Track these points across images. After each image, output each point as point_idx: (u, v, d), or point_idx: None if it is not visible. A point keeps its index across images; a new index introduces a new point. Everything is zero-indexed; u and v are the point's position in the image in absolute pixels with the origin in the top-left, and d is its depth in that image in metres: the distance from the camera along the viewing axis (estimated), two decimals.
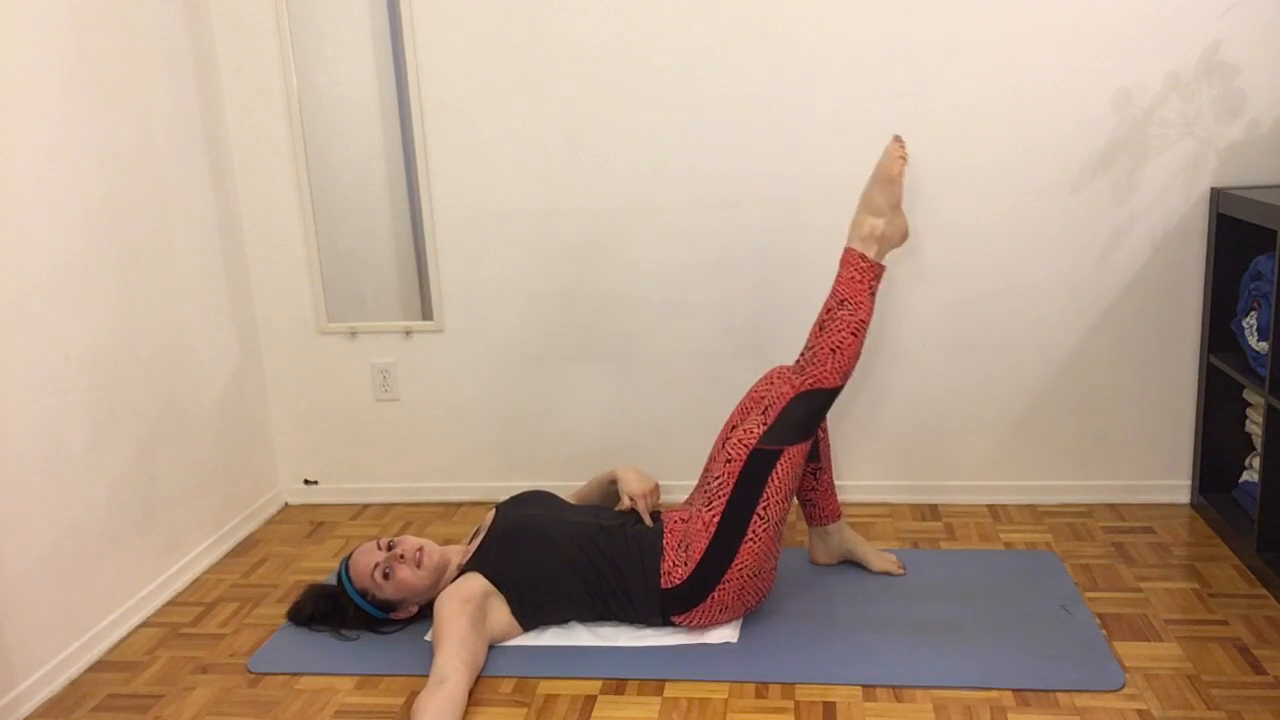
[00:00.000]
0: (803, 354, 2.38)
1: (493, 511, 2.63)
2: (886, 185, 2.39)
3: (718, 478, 2.37)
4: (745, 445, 2.34)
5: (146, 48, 2.75)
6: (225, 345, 3.09)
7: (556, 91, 2.97)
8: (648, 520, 2.50)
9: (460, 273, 3.14)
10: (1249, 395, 2.85)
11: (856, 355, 2.36)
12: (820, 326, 2.37)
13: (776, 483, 2.34)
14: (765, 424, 2.35)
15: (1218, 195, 2.78)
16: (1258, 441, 2.76)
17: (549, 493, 2.71)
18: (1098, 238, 2.89)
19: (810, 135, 2.91)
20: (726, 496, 2.34)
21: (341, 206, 3.14)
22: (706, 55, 2.89)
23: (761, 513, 2.33)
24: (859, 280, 2.37)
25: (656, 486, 2.59)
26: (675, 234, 3.03)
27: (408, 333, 3.21)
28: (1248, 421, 2.87)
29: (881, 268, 2.39)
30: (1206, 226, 2.85)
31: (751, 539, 2.33)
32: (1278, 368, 2.45)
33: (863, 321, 2.36)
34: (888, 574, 2.66)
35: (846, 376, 2.37)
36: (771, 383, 2.47)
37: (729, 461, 2.35)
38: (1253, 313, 2.67)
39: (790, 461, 2.35)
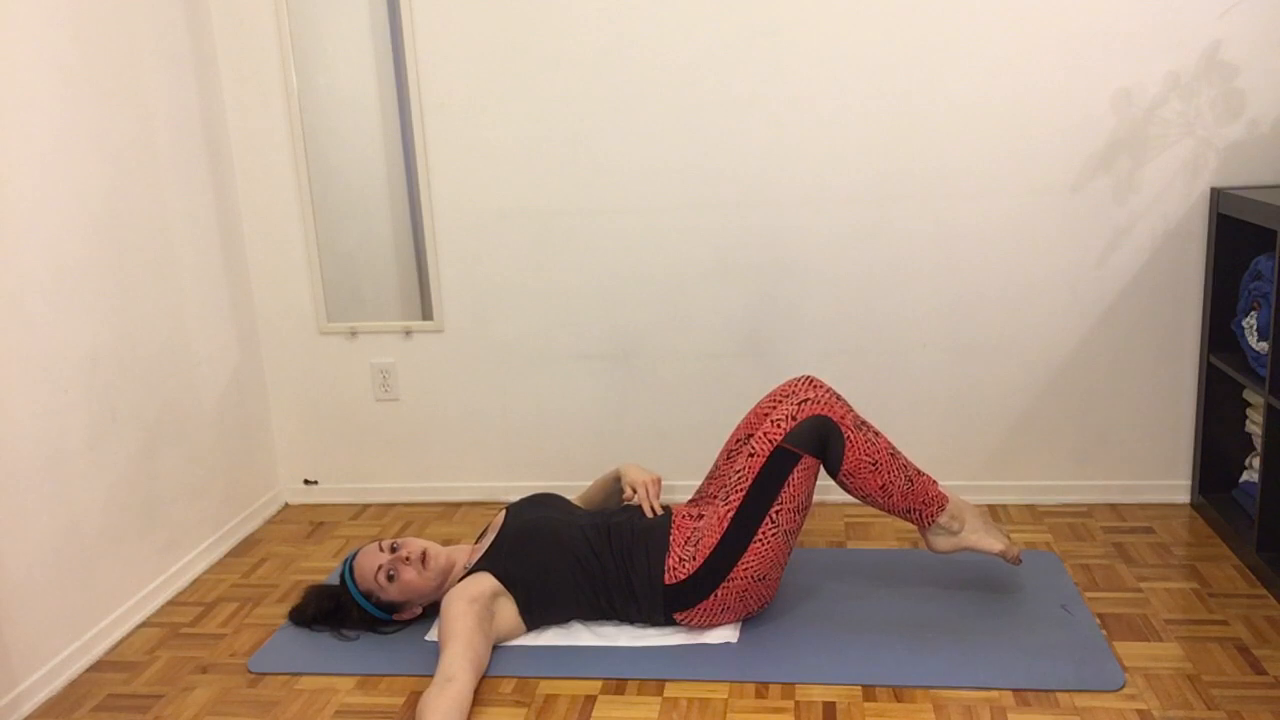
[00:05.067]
0: (863, 424, 2.41)
1: (503, 512, 2.63)
2: (988, 541, 2.45)
3: (738, 471, 2.38)
4: (770, 440, 2.35)
5: (146, 48, 2.75)
6: (225, 345, 3.09)
7: (556, 91, 2.97)
8: (649, 511, 2.51)
9: (460, 273, 3.14)
10: (1249, 395, 2.85)
11: (859, 489, 2.39)
12: (889, 450, 2.40)
13: (791, 489, 2.34)
14: (794, 419, 2.35)
15: (1218, 195, 2.78)
16: (1258, 441, 2.76)
17: (559, 495, 2.71)
18: (1098, 238, 2.89)
19: (810, 135, 2.91)
20: (744, 491, 2.35)
21: (341, 206, 3.14)
22: (706, 55, 2.90)
23: (774, 516, 2.34)
24: (920, 502, 2.41)
25: (659, 479, 2.60)
26: (675, 234, 3.03)
27: (408, 333, 3.21)
28: (1248, 421, 2.87)
29: (921, 526, 2.43)
30: (1206, 226, 2.85)
31: (760, 540, 2.34)
32: (1278, 368, 2.45)
33: (888, 497, 2.39)
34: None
35: (846, 477, 2.38)
36: (815, 388, 2.45)
37: (751, 456, 2.36)
38: (1253, 313, 2.67)
39: (805, 472, 2.35)
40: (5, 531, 2.27)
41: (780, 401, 2.43)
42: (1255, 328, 2.64)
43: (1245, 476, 2.87)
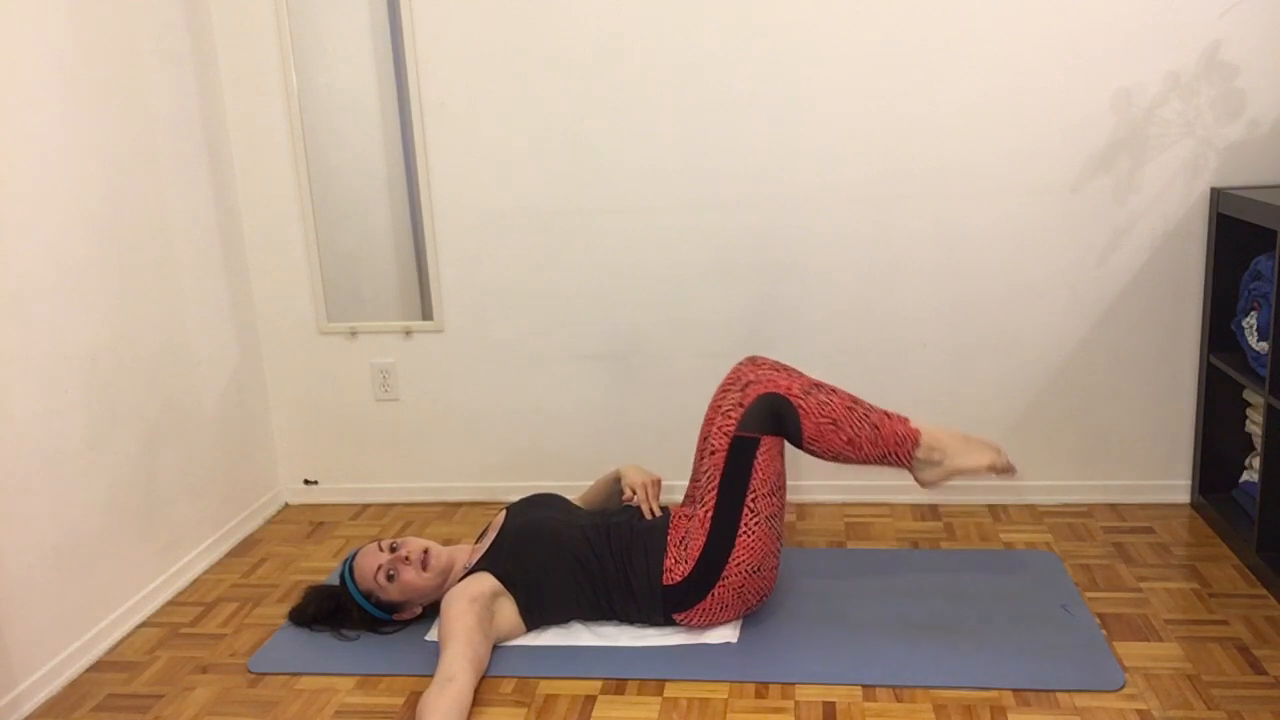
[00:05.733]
0: (814, 387, 2.38)
1: (503, 513, 2.63)
2: (975, 459, 2.42)
3: (706, 472, 2.38)
4: (725, 434, 2.35)
5: (146, 48, 2.75)
6: (225, 345, 3.09)
7: (556, 91, 2.97)
8: (648, 513, 2.51)
9: (460, 273, 3.14)
10: (1249, 395, 2.85)
11: (826, 450, 2.37)
12: (846, 404, 2.37)
13: (760, 474, 2.34)
14: (742, 406, 2.34)
15: (1218, 195, 2.78)
16: (1258, 441, 2.76)
17: (559, 495, 2.72)
18: (1098, 238, 2.89)
19: (810, 135, 2.91)
20: (716, 489, 2.35)
21: (341, 206, 3.14)
22: (706, 55, 2.90)
23: (751, 505, 2.33)
24: (892, 445, 2.38)
25: (659, 480, 2.60)
26: (675, 234, 3.03)
27: (408, 333, 3.21)
28: (1248, 421, 2.87)
29: (903, 466, 2.41)
30: (1206, 226, 2.85)
31: (745, 532, 2.33)
32: (1278, 368, 2.45)
33: (859, 449, 2.37)
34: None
35: (810, 444, 2.36)
36: (758, 367, 2.44)
37: (713, 454, 2.36)
38: (1253, 313, 2.67)
39: (769, 453, 2.34)
40: (5, 531, 2.27)
41: (727, 390, 2.41)
42: (1255, 328, 2.64)
43: (1245, 476, 2.87)
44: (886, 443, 2.38)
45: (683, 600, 2.38)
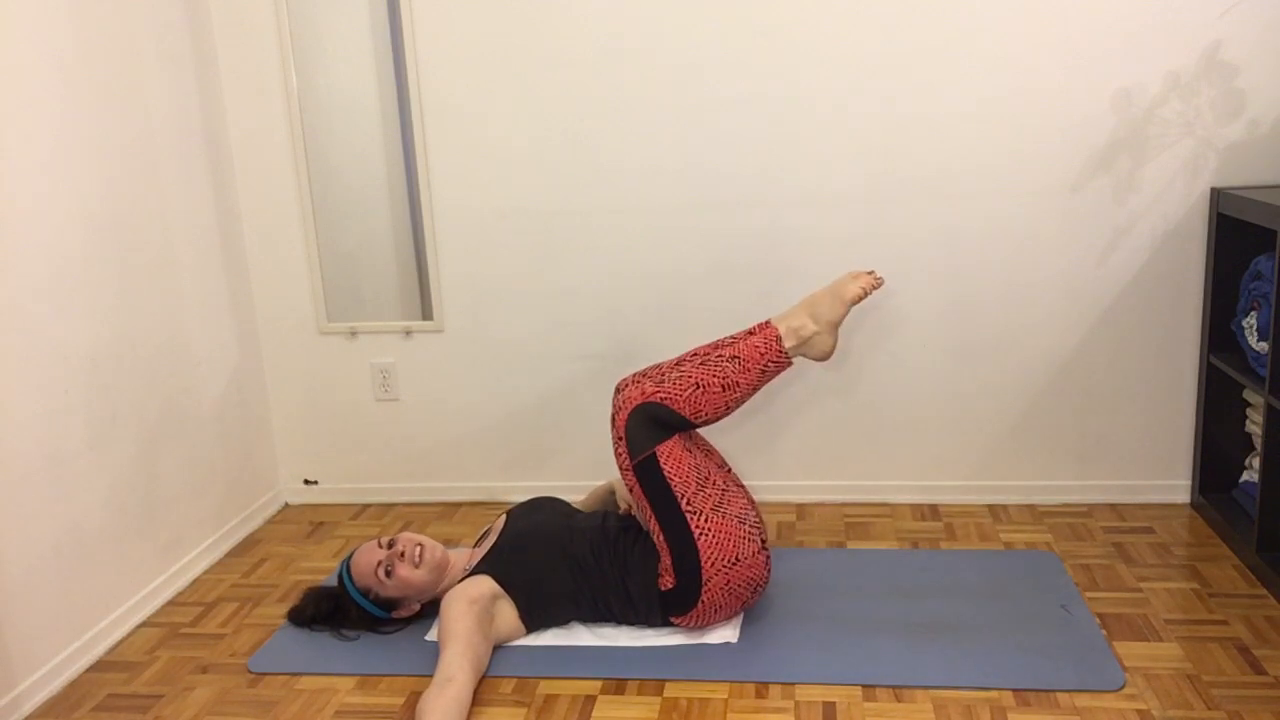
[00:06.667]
0: (669, 369, 2.37)
1: (503, 516, 2.63)
2: (837, 303, 2.38)
3: (639, 505, 2.38)
4: (627, 470, 2.35)
5: (146, 48, 2.75)
6: (225, 345, 3.09)
7: (556, 91, 2.97)
8: (644, 524, 2.51)
9: (460, 273, 3.14)
10: (1249, 395, 2.85)
11: (715, 410, 2.35)
12: (701, 360, 2.36)
13: (678, 478, 2.33)
14: (621, 439, 2.34)
15: (1218, 195, 2.78)
16: (1258, 441, 2.76)
17: (560, 499, 2.72)
18: (1098, 238, 2.89)
19: (810, 136, 2.91)
20: (653, 515, 2.35)
21: (341, 206, 3.14)
22: (706, 55, 2.90)
23: (689, 508, 2.33)
24: (761, 356, 2.35)
25: None
26: (675, 234, 3.03)
27: (408, 333, 3.21)
28: (1248, 421, 2.87)
29: (788, 363, 2.38)
30: (1206, 226, 2.85)
31: (701, 534, 2.33)
32: (1278, 368, 2.45)
33: (738, 386, 2.34)
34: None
35: (697, 417, 2.35)
36: (616, 394, 2.42)
37: (632, 490, 2.37)
38: (1253, 313, 2.67)
39: (671, 455, 2.34)
40: (5, 531, 2.27)
41: (611, 428, 2.41)
42: (1255, 328, 2.64)
43: (1245, 476, 2.87)
44: (754, 361, 2.35)
45: (679, 605, 2.37)
